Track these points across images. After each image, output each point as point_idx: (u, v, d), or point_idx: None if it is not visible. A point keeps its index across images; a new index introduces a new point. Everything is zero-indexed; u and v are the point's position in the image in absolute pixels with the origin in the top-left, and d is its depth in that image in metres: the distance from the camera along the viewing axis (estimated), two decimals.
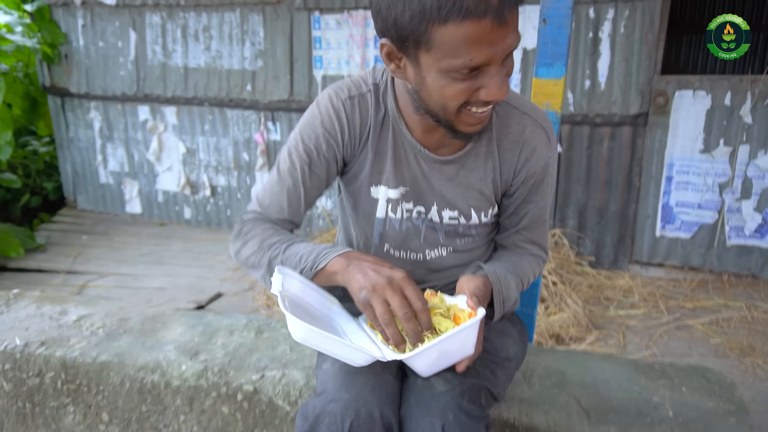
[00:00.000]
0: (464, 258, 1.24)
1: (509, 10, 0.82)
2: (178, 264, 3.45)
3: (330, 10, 3.41)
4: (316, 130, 1.10)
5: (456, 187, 1.14)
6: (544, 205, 1.17)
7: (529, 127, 1.10)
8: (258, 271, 1.09)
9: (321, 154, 1.10)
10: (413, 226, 1.19)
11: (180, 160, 4.02)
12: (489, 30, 0.81)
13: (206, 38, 3.76)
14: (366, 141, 1.12)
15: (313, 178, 1.12)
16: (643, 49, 2.89)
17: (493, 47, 0.84)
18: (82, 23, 4.05)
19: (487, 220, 1.19)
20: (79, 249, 3.72)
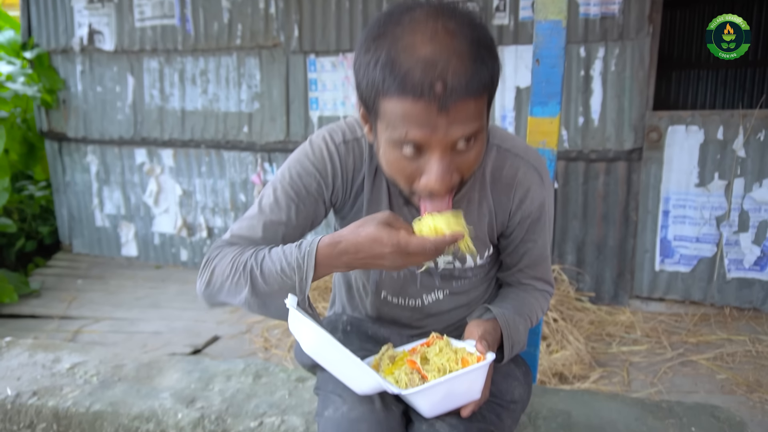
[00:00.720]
0: (462, 300, 1.22)
1: (454, 100, 0.80)
2: (175, 307, 3.41)
3: (325, 53, 3.47)
4: (306, 168, 1.07)
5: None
6: (544, 243, 1.16)
7: (521, 169, 1.09)
8: (237, 297, 0.98)
9: (310, 193, 1.06)
10: (409, 272, 1.18)
11: (177, 202, 4.02)
12: (427, 113, 0.81)
13: (203, 82, 3.81)
14: (360, 187, 1.10)
15: (298, 216, 1.06)
16: (635, 86, 2.94)
17: (432, 131, 0.83)
18: (80, 69, 4.11)
19: (482, 262, 1.18)
20: (74, 293, 3.67)
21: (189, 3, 3.74)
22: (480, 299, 1.25)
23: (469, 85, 0.81)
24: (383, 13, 0.87)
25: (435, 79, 0.79)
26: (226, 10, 3.66)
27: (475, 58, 0.82)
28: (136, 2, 3.86)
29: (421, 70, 0.80)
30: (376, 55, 0.83)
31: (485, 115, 0.89)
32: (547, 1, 1.43)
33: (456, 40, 0.82)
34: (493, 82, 0.86)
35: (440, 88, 0.79)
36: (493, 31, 3.13)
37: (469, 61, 0.81)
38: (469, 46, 0.82)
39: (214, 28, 3.71)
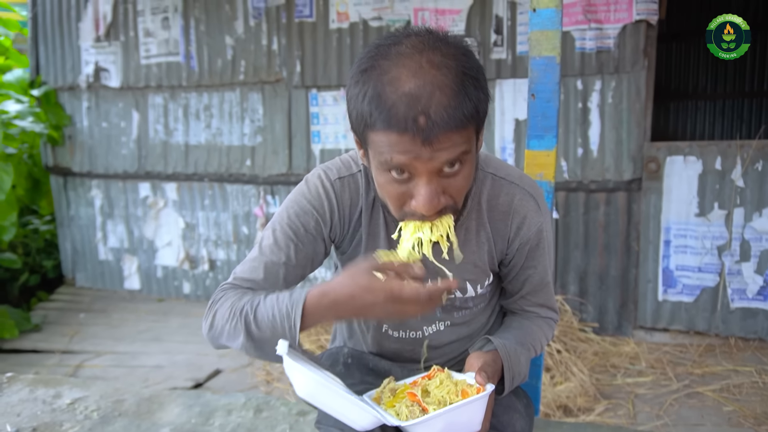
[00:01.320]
0: (463, 331, 1.23)
1: (437, 133, 0.83)
2: (177, 340, 3.39)
3: (327, 88, 3.53)
4: (304, 207, 1.08)
5: (448, 262, 1.14)
6: (544, 270, 1.17)
7: (517, 196, 1.11)
8: (234, 342, 0.99)
9: (308, 232, 1.08)
10: None
11: (179, 235, 4.04)
12: (410, 144, 0.84)
13: (207, 116, 3.87)
14: (358, 222, 1.12)
15: (298, 255, 1.07)
16: (632, 117, 2.98)
17: (417, 160, 0.86)
18: (86, 105, 4.18)
19: (482, 291, 1.19)
20: (76, 328, 3.67)
21: (194, 40, 3.82)
22: (482, 330, 1.25)
23: (451, 119, 0.84)
24: (373, 45, 0.91)
25: (418, 114, 0.83)
26: (229, 47, 3.74)
27: (458, 91, 0.85)
28: (143, 40, 3.95)
29: (405, 105, 0.83)
30: (364, 89, 0.86)
31: (474, 139, 0.92)
32: (541, 38, 1.47)
33: (440, 72, 0.85)
34: (479, 112, 0.89)
35: (423, 122, 0.83)
36: (491, 66, 3.19)
37: (452, 94, 0.84)
38: (453, 79, 0.85)
39: (218, 64, 3.78)
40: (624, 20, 2.92)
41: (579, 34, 3.00)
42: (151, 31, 3.93)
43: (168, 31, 3.89)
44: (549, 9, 1.45)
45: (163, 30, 3.91)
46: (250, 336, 0.97)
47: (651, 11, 2.88)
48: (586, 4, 2.95)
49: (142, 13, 3.94)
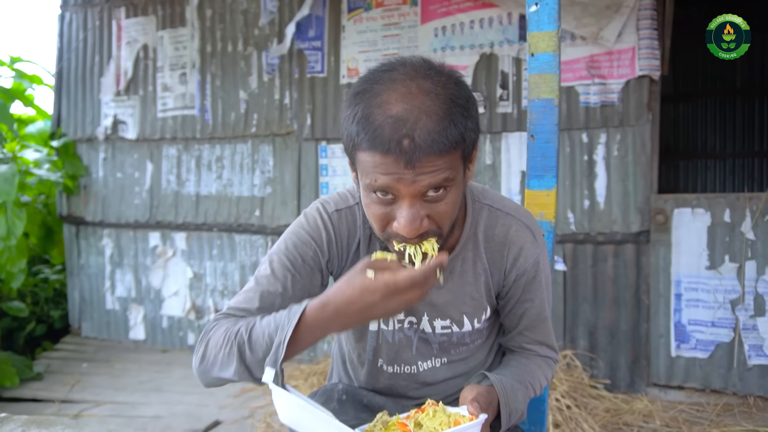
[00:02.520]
0: (459, 369, 1.20)
1: (420, 157, 0.85)
2: (177, 391, 3.33)
3: (336, 140, 3.60)
4: (302, 237, 1.09)
5: (446, 294, 1.13)
6: (542, 304, 1.16)
7: (513, 227, 1.12)
8: (229, 369, 0.97)
9: (306, 262, 1.07)
10: (405, 337, 1.17)
11: (187, 285, 4.03)
12: (394, 166, 0.86)
13: (218, 167, 3.94)
14: (356, 254, 1.12)
15: (295, 286, 1.06)
16: (638, 170, 2.99)
17: (400, 183, 0.87)
18: (103, 156, 4.29)
19: (480, 326, 1.17)
20: (78, 377, 3.62)
21: (209, 95, 3.95)
22: (480, 368, 1.22)
23: (435, 143, 0.85)
24: (369, 70, 0.94)
25: (402, 137, 0.84)
26: (243, 101, 3.86)
27: (444, 117, 0.86)
28: (160, 94, 4.09)
29: (390, 127, 0.85)
30: (354, 110, 0.89)
31: (460, 167, 0.92)
32: (540, 81, 1.50)
33: (428, 98, 0.87)
34: (465, 140, 0.90)
35: (407, 144, 0.84)
36: (497, 119, 3.24)
37: (438, 120, 0.86)
38: (440, 105, 0.87)
39: (232, 117, 3.89)
40: (627, 75, 2.98)
41: (583, 89, 3.05)
42: (169, 85, 4.07)
43: (185, 86, 4.03)
44: (547, 53, 1.48)
45: (180, 85, 4.05)
46: (243, 360, 0.95)
47: (653, 67, 2.94)
48: (590, 60, 3.02)
49: (161, 69, 4.09)
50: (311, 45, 3.67)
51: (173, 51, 4.07)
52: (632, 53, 2.96)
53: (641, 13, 2.94)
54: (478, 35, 3.26)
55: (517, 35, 3.18)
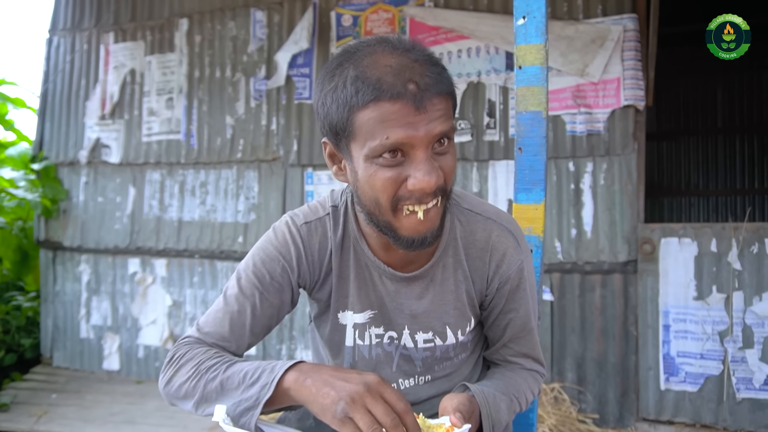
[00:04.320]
0: (443, 386, 1.13)
1: (429, 98, 0.85)
2: (150, 423, 3.18)
3: (322, 167, 3.57)
4: (270, 253, 1.04)
5: (427, 304, 1.08)
6: (527, 313, 1.10)
7: (495, 232, 1.07)
8: (190, 401, 0.95)
9: (274, 279, 1.03)
10: (384, 352, 1.11)
11: (165, 313, 3.91)
12: (404, 112, 0.83)
13: (202, 193, 3.88)
14: (328, 266, 1.07)
15: (264, 304, 1.02)
16: (624, 199, 2.98)
17: (411, 129, 0.84)
18: (84, 180, 4.21)
19: (464, 339, 1.11)
20: (46, 408, 3.46)
21: (195, 119, 3.92)
22: None
23: (437, 84, 0.86)
24: (337, 53, 0.93)
25: (407, 81, 0.84)
26: (229, 126, 3.83)
27: (434, 64, 0.89)
28: (146, 119, 4.05)
29: (392, 75, 0.84)
30: (342, 78, 0.86)
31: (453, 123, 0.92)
32: (527, 94, 1.49)
33: (413, 53, 0.88)
34: (453, 92, 0.92)
35: (414, 87, 0.84)
36: (484, 147, 3.24)
37: (431, 66, 0.88)
38: (425, 57, 0.88)
39: (217, 142, 3.86)
40: (612, 105, 3.00)
41: (569, 118, 3.07)
42: (155, 110, 4.04)
43: (171, 111, 4.00)
44: (534, 66, 1.47)
45: (166, 109, 4.02)
46: (205, 399, 0.94)
47: (638, 97, 2.97)
48: (575, 90, 3.04)
49: (148, 93, 4.07)
50: (299, 72, 3.68)
51: (161, 76, 4.06)
52: (617, 84, 2.99)
53: (625, 44, 2.98)
54: (465, 64, 3.28)
55: (504, 64, 3.21)
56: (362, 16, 3.58)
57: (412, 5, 3.44)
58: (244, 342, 1.03)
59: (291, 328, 3.62)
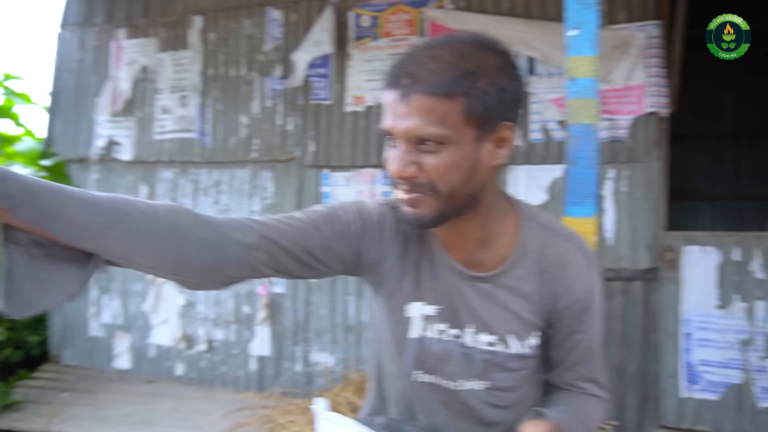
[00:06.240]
0: (502, 399, 1.11)
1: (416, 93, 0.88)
2: (165, 425, 3.16)
3: (339, 168, 3.55)
4: (349, 207, 1.07)
5: (492, 307, 1.07)
6: (594, 337, 1.09)
7: (569, 251, 1.06)
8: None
9: (340, 221, 1.03)
10: (447, 349, 1.10)
11: (177, 313, 3.88)
12: (393, 101, 0.91)
13: (216, 193, 3.85)
14: (402, 254, 1.07)
15: (326, 226, 1.00)
16: (646, 206, 2.97)
17: (394, 119, 0.92)
18: (95, 177, 4.17)
19: (526, 352, 1.09)
20: (57, 408, 3.43)
21: (209, 118, 3.88)
22: (524, 404, 1.14)
23: (431, 85, 0.88)
24: None
25: (404, 74, 0.90)
26: (244, 125, 3.80)
27: (451, 67, 0.89)
28: (159, 116, 4.01)
29: (398, 66, 0.93)
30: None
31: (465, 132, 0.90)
32: (579, 106, 1.47)
33: (444, 49, 0.91)
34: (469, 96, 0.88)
35: (405, 80, 0.90)
36: None
37: (444, 67, 0.89)
38: (451, 56, 0.90)
39: (232, 142, 3.82)
40: (635, 112, 2.99)
41: None
42: (168, 108, 4.00)
43: (185, 109, 3.96)
44: (586, 78, 1.45)
45: (179, 107, 3.98)
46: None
47: (661, 104, 2.96)
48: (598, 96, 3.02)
49: (160, 90, 4.03)
50: (316, 72, 3.64)
51: (174, 73, 4.02)
52: (641, 90, 2.98)
53: (649, 51, 2.97)
54: None
55: (526, 69, 3.18)
56: (381, 17, 3.55)
57: (433, 7, 3.41)
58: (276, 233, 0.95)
59: (306, 329, 3.60)
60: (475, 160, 0.93)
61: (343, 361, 3.50)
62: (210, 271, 0.89)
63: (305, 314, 3.60)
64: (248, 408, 3.34)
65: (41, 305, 0.81)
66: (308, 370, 3.59)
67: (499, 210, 1.05)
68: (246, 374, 3.71)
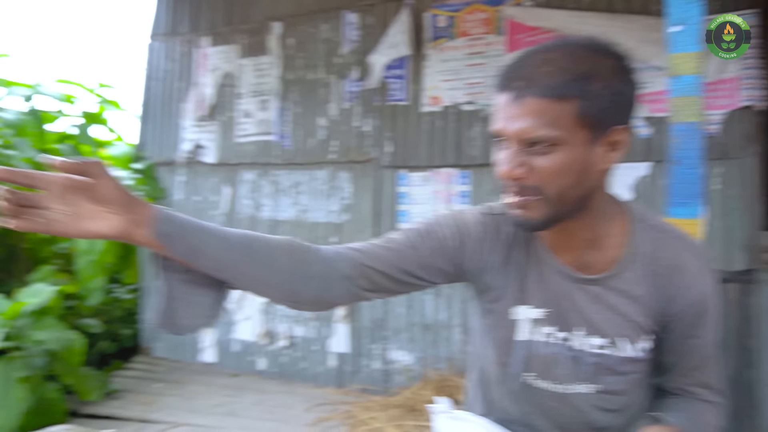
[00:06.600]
0: (612, 402, 1.10)
1: (529, 95, 0.89)
2: (252, 417, 3.29)
3: (416, 168, 3.58)
4: (446, 221, 1.10)
5: (602, 310, 1.05)
6: (711, 341, 1.06)
7: (683, 253, 1.03)
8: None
9: (439, 237, 1.07)
10: (556, 352, 1.09)
11: (260, 310, 4.03)
12: (505, 104, 0.92)
13: (296, 193, 3.97)
14: (505, 260, 1.08)
15: (423, 245, 1.06)
16: (741, 205, 2.83)
17: (506, 120, 0.92)
18: (182, 179, 4.39)
19: (637, 356, 1.07)
20: (152, 397, 3.63)
21: (288, 121, 4.00)
22: (633, 408, 1.12)
23: (549, 87, 0.88)
24: None
25: (516, 76, 0.91)
26: (322, 127, 3.89)
27: (566, 69, 0.89)
28: (240, 120, 4.17)
29: (511, 68, 0.94)
30: None
31: (578, 134, 0.90)
32: (683, 104, 1.43)
33: (557, 52, 0.91)
34: (584, 98, 0.89)
35: (519, 82, 0.90)
36: None
37: (558, 69, 0.89)
38: (566, 59, 0.90)
39: (310, 144, 3.92)
40: (728, 106, 2.85)
41: None
42: (249, 111, 4.16)
43: (265, 113, 4.10)
44: (690, 75, 1.41)
45: (260, 111, 4.12)
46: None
47: (757, 97, 2.81)
48: None
49: (242, 95, 4.19)
50: (393, 73, 3.68)
51: (254, 78, 4.17)
52: (735, 83, 2.84)
53: None
54: None
55: None
56: (458, 16, 3.54)
57: (510, 5, 3.38)
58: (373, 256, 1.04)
59: (384, 328, 3.65)
60: (586, 163, 0.93)
61: (420, 360, 3.53)
62: (318, 301, 1.02)
63: (383, 312, 3.65)
64: (328, 403, 3.43)
65: (189, 325, 0.96)
66: (386, 368, 3.64)
67: (608, 212, 1.04)
68: (325, 370, 3.80)
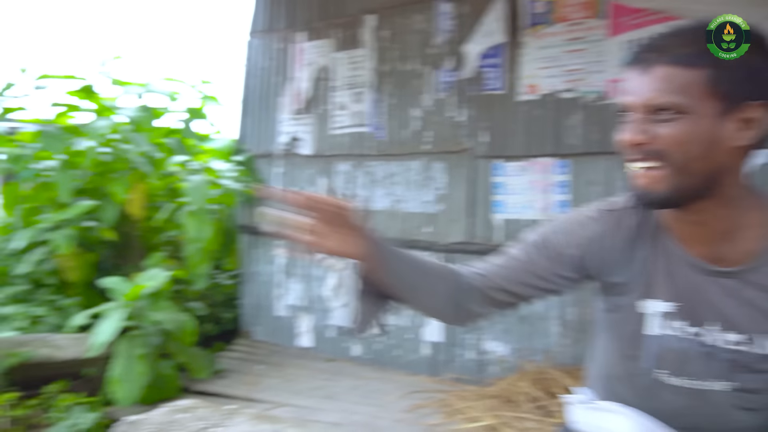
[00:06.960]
0: (751, 401, 1.05)
1: (659, 64, 0.91)
2: (350, 401, 3.40)
3: (513, 157, 3.53)
4: (561, 228, 1.14)
5: (738, 305, 1.01)
6: None
7: None
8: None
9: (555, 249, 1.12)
10: (687, 347, 1.06)
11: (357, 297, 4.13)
12: (632, 77, 0.94)
13: (390, 184, 4.03)
14: (628, 257, 1.07)
15: (540, 257, 1.13)
16: None
17: (632, 92, 0.94)
18: (280, 171, 4.56)
19: None
20: (254, 378, 3.83)
21: (382, 113, 4.06)
22: None
23: (680, 55, 0.89)
24: None
25: (647, 49, 0.93)
26: (416, 118, 3.92)
27: (700, 40, 0.89)
28: (335, 113, 4.28)
29: (643, 44, 0.96)
30: None
31: (706, 103, 0.90)
32: None
33: (691, 27, 0.93)
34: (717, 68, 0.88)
35: (649, 54, 0.92)
36: None
37: (691, 39, 0.90)
38: (698, 30, 0.91)
39: (404, 134, 3.97)
40: None
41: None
42: (344, 104, 4.25)
43: (359, 105, 4.18)
44: None
45: (354, 103, 4.21)
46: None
47: None
48: None
49: (336, 88, 4.29)
50: (488, 62, 3.65)
51: (349, 71, 4.25)
52: None
53: None
54: None
55: None
56: (557, 1, 3.46)
57: None
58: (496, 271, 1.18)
59: None
60: (714, 136, 0.90)
61: (516, 351, 3.50)
62: (458, 318, 1.23)
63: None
64: (423, 391, 3.48)
65: (370, 329, 1.23)
66: (480, 358, 3.64)
67: (744, 201, 0.99)
68: (419, 358, 3.86)
